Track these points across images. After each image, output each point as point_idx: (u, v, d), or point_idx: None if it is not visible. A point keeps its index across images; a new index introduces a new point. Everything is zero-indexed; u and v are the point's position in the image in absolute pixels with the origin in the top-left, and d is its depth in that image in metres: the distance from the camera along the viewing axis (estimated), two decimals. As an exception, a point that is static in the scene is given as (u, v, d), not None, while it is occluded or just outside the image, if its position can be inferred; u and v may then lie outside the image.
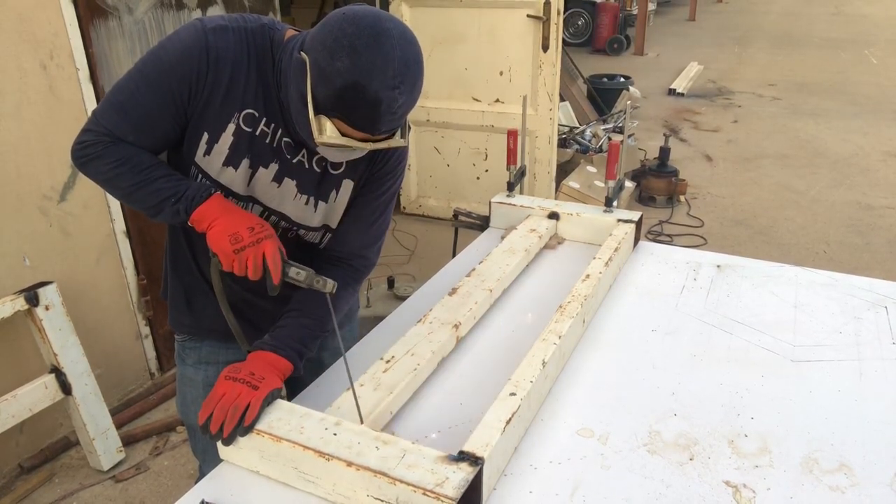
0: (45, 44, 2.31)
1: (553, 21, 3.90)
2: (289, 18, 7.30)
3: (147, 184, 1.18)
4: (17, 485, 2.40)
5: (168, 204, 1.17)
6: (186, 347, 1.49)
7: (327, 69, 1.03)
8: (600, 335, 1.52)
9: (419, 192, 4.74)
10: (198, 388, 1.49)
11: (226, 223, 1.15)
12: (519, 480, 1.10)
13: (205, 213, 1.17)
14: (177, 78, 1.15)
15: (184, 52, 1.16)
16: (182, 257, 1.39)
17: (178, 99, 1.17)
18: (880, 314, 1.60)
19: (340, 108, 1.06)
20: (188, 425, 1.60)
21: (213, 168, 1.23)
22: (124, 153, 1.18)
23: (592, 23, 11.25)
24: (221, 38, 1.17)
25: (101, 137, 1.18)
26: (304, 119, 1.09)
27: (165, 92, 1.16)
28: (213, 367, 1.47)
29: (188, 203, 1.17)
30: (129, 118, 1.17)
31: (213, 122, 1.20)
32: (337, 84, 1.03)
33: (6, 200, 2.27)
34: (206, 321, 1.43)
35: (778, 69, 9.80)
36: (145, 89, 1.16)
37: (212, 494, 1.06)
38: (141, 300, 2.82)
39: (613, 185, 1.95)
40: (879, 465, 1.14)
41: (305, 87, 1.06)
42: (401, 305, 1.68)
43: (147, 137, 1.20)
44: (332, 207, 1.33)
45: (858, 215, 4.70)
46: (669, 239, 4.37)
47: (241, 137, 1.21)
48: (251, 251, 1.14)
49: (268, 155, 1.24)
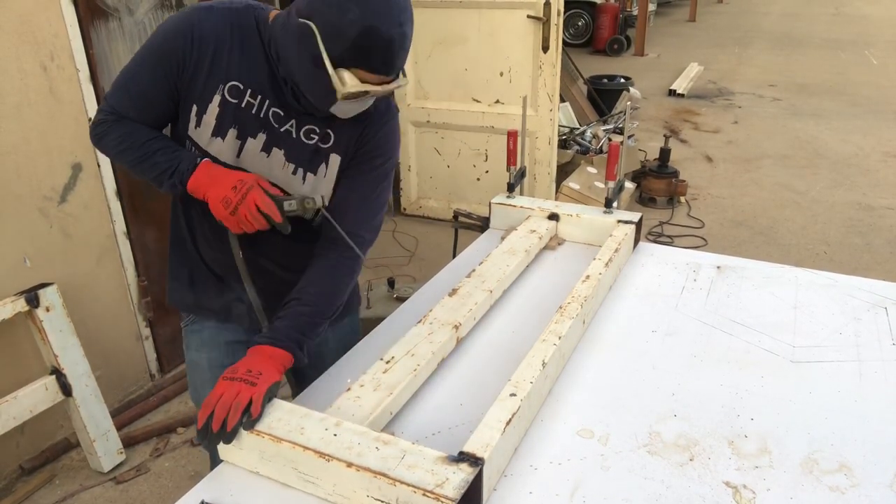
0: (45, 45, 2.31)
1: (553, 22, 3.90)
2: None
3: (147, 157, 1.28)
4: (17, 486, 2.40)
5: (165, 177, 1.27)
6: (190, 332, 1.53)
7: (339, 23, 1.11)
8: (600, 336, 1.52)
9: (419, 194, 4.74)
10: (203, 372, 1.51)
11: (215, 192, 1.24)
12: (519, 481, 1.10)
13: (197, 183, 1.26)
14: (166, 56, 1.24)
15: (172, 31, 1.25)
16: (181, 237, 1.45)
17: (168, 75, 1.25)
18: (880, 315, 1.60)
19: (358, 57, 1.14)
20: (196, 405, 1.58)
21: (203, 139, 1.30)
22: (127, 129, 1.28)
23: (593, 23, 11.25)
24: (206, 17, 1.26)
25: (108, 116, 1.29)
26: (317, 81, 1.17)
27: (157, 69, 1.25)
28: (216, 350, 1.50)
29: (182, 175, 1.26)
30: (130, 96, 1.28)
31: (199, 95, 1.27)
32: (352, 35, 1.11)
33: (6, 201, 2.27)
34: (206, 301, 1.47)
35: (778, 70, 9.80)
36: (141, 69, 1.27)
37: (212, 494, 1.06)
38: (141, 301, 2.82)
39: (613, 186, 1.95)
40: (879, 466, 1.14)
41: (318, 49, 1.13)
42: (401, 306, 1.68)
43: (147, 114, 1.29)
44: (321, 181, 1.36)
45: (859, 216, 4.70)
46: (669, 240, 4.37)
47: (226, 108, 1.28)
48: (243, 208, 1.23)
49: (254, 125, 1.30)
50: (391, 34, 1.13)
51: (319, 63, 1.14)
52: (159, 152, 1.27)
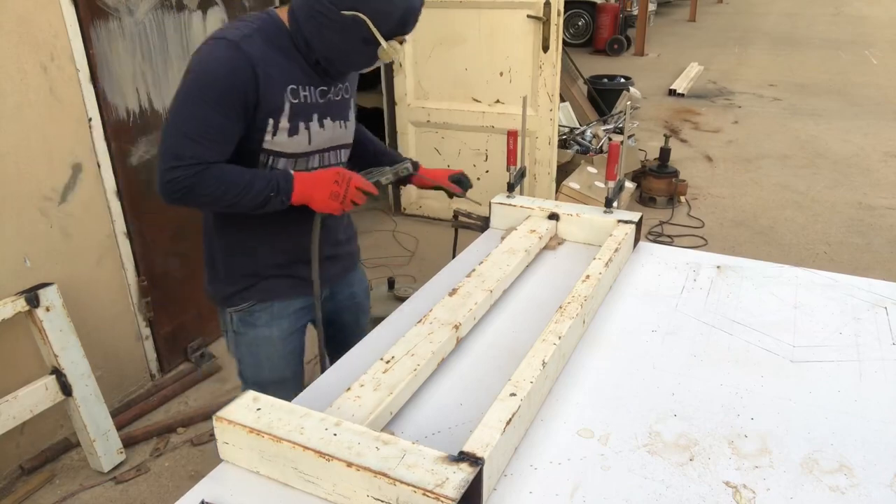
0: (45, 45, 2.31)
1: (553, 22, 3.90)
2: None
3: (247, 190, 1.43)
4: (17, 486, 2.40)
5: (269, 201, 1.45)
6: (255, 312, 1.66)
7: (387, 9, 1.38)
8: (600, 336, 1.52)
9: (419, 194, 4.74)
10: (274, 344, 1.68)
11: (319, 193, 1.47)
12: (519, 481, 1.10)
13: (300, 194, 1.47)
14: (235, 91, 1.39)
15: (230, 68, 1.38)
16: (240, 236, 1.61)
17: (240, 107, 1.41)
18: (880, 315, 1.60)
19: (399, 29, 1.43)
20: (256, 383, 1.69)
21: (280, 144, 1.50)
22: (215, 172, 1.41)
23: (593, 23, 11.25)
24: (251, 44, 1.41)
25: (191, 168, 1.38)
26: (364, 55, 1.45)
27: (231, 106, 1.39)
28: (286, 320, 1.68)
29: (285, 195, 1.46)
30: (211, 142, 1.40)
31: (274, 108, 1.46)
32: (398, 15, 1.40)
33: (7, 202, 2.27)
34: (273, 282, 1.64)
35: (778, 70, 9.80)
36: (213, 112, 1.39)
37: (212, 494, 1.06)
38: (142, 301, 2.82)
39: (613, 186, 1.95)
40: (879, 465, 1.14)
41: (369, 32, 1.39)
42: (401, 306, 1.68)
43: (226, 150, 1.44)
44: (351, 122, 1.67)
45: (859, 216, 4.70)
46: (670, 240, 4.37)
47: (293, 109, 1.49)
48: (350, 195, 1.49)
49: (312, 111, 1.53)
50: (418, 4, 1.43)
51: (371, 41, 1.41)
52: (255, 182, 1.43)
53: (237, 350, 1.73)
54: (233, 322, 1.69)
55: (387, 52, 1.43)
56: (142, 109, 2.69)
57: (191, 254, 3.05)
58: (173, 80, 2.80)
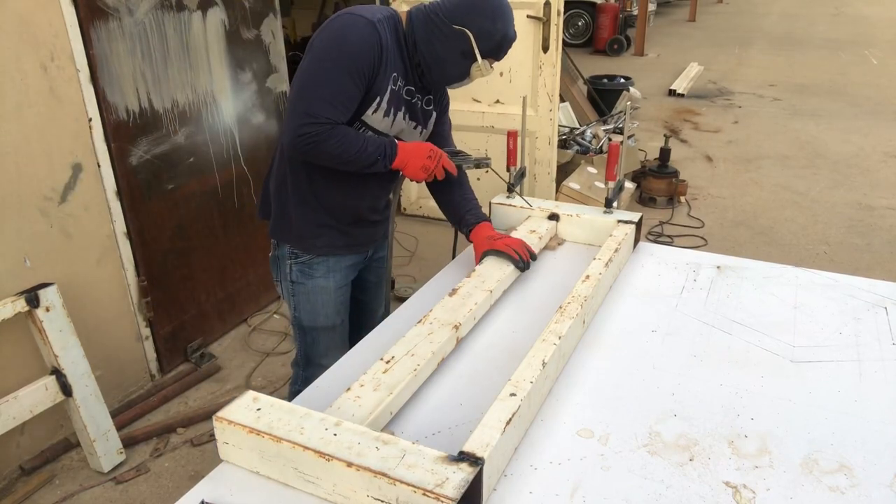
0: (45, 45, 2.31)
1: (553, 22, 3.90)
2: (289, 20, 7.32)
3: (363, 151, 1.64)
4: (17, 486, 2.40)
5: (376, 163, 1.67)
6: (314, 264, 1.88)
7: (490, 31, 1.64)
8: (600, 336, 1.52)
9: (419, 194, 4.74)
10: (329, 293, 1.91)
11: (413, 163, 1.71)
12: (519, 481, 1.10)
13: (399, 161, 1.71)
14: (366, 62, 1.59)
15: (366, 41, 1.58)
16: (316, 194, 1.80)
17: (367, 78, 1.61)
18: (880, 315, 1.60)
19: (494, 52, 1.70)
20: (311, 328, 1.96)
21: (374, 121, 1.69)
22: (340, 132, 1.61)
23: (593, 23, 11.25)
24: (383, 28, 1.62)
25: (321, 126, 1.58)
26: (459, 68, 1.70)
27: (361, 76, 1.59)
28: (340, 273, 1.91)
29: (390, 159, 1.69)
30: (341, 105, 1.60)
31: (382, 88, 1.65)
32: (497, 38, 1.66)
33: (7, 201, 2.27)
34: (336, 236, 1.86)
35: (778, 70, 9.81)
36: (347, 78, 1.58)
37: (212, 494, 1.07)
38: (141, 301, 2.82)
39: (613, 186, 1.95)
40: (879, 465, 1.14)
41: (471, 47, 1.64)
42: (401, 306, 1.69)
43: (350, 114, 1.63)
44: (427, 132, 1.87)
45: (859, 216, 4.70)
46: (670, 240, 4.37)
47: (392, 95, 1.69)
48: (437, 170, 1.74)
49: (401, 102, 1.73)
50: (513, 35, 1.69)
51: (469, 56, 1.66)
52: (369, 145, 1.65)
53: (294, 298, 1.93)
54: (291, 272, 1.89)
55: (479, 68, 1.68)
56: (142, 109, 2.69)
57: (191, 254, 3.05)
58: (173, 79, 2.80)
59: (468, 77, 1.72)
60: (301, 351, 2.03)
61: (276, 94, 3.38)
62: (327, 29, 1.61)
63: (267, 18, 3.23)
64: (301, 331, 1.98)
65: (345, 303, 1.99)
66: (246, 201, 3.30)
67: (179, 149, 2.88)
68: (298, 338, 2.01)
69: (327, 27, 1.61)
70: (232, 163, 3.18)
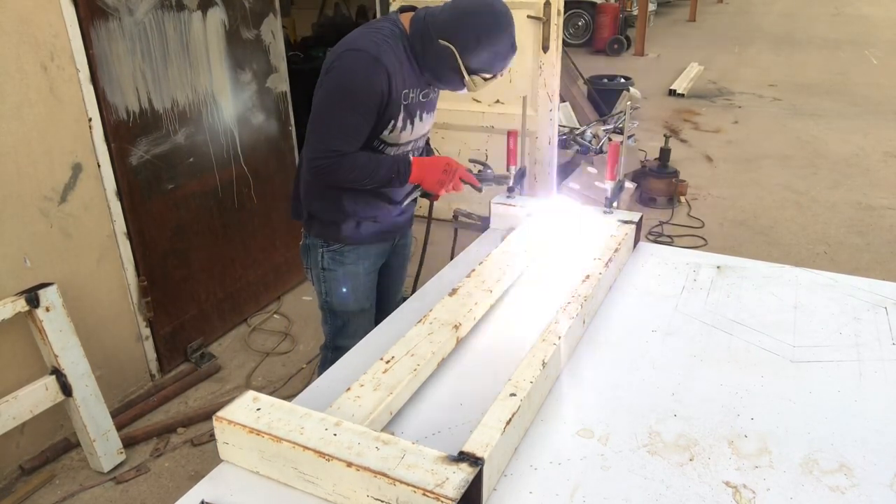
0: (45, 45, 2.31)
1: (553, 22, 3.90)
2: (289, 20, 7.30)
3: (375, 173, 1.77)
4: (17, 486, 2.40)
5: (391, 181, 1.79)
6: (345, 252, 1.98)
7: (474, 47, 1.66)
8: (600, 336, 1.52)
9: (419, 193, 4.74)
10: (360, 279, 2.03)
11: (430, 177, 1.83)
12: (519, 481, 1.10)
13: (415, 178, 1.82)
14: (374, 97, 1.68)
15: (371, 78, 1.66)
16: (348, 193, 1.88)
17: (376, 109, 1.71)
18: (880, 315, 1.60)
19: (487, 68, 1.72)
20: (343, 312, 2.06)
21: (393, 137, 1.81)
22: (350, 160, 1.73)
23: (593, 23, 11.25)
24: (387, 57, 1.68)
25: (332, 159, 1.72)
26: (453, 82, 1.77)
27: (370, 109, 1.70)
28: (369, 260, 2.03)
29: (404, 177, 1.80)
30: (350, 137, 1.72)
31: (395, 113, 1.76)
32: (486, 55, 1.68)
33: (7, 201, 2.27)
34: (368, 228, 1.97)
35: (778, 70, 9.80)
36: (355, 115, 1.70)
37: (212, 494, 1.07)
38: (142, 301, 2.82)
39: (613, 186, 1.95)
40: (879, 465, 1.14)
41: (456, 63, 1.69)
42: (401, 306, 1.69)
43: (360, 143, 1.75)
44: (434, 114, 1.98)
45: (859, 216, 4.70)
46: (670, 240, 4.37)
47: (406, 110, 1.79)
48: (453, 184, 1.85)
49: (417, 108, 1.83)
50: (504, 50, 1.69)
51: (457, 71, 1.70)
52: (382, 166, 1.77)
53: (326, 285, 2.03)
54: (323, 259, 2.00)
55: (471, 83, 1.73)
56: (142, 109, 2.69)
57: (191, 254, 3.05)
58: (173, 79, 2.80)
59: (465, 88, 1.77)
60: (330, 334, 2.13)
61: (277, 94, 3.38)
62: (334, 70, 1.69)
63: (267, 18, 3.24)
64: (332, 315, 2.08)
65: (373, 287, 2.11)
66: (246, 201, 3.30)
67: (179, 149, 2.88)
68: (329, 321, 2.11)
69: (334, 67, 1.70)
70: (232, 163, 3.18)
